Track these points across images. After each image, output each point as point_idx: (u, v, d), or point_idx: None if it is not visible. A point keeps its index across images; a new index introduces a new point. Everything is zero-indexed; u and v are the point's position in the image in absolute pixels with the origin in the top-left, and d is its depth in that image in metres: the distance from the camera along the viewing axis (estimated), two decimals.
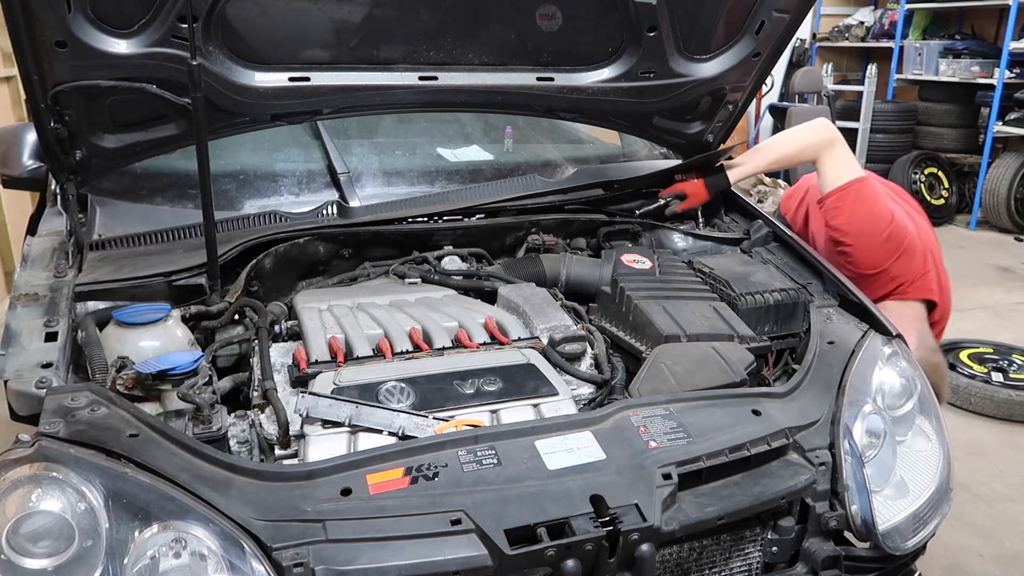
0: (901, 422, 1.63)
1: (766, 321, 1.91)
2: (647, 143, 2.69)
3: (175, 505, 1.15)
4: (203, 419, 1.39)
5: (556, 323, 1.77)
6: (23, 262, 1.79)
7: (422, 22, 1.91)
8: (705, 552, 1.43)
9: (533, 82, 2.12)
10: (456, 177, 2.40)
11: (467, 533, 1.18)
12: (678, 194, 2.33)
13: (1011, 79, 6.44)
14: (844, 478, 1.47)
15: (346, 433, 1.39)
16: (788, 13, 2.08)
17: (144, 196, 2.12)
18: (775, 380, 1.82)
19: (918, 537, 1.55)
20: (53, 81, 1.70)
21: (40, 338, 1.49)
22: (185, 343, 1.61)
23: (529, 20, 1.98)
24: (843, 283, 1.96)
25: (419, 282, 1.97)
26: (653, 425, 1.40)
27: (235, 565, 1.12)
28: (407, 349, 1.60)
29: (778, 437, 1.44)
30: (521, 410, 1.48)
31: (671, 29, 2.07)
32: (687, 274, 2.02)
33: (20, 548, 1.09)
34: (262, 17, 1.80)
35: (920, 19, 7.44)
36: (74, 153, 1.88)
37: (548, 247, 2.16)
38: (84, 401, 1.29)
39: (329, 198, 2.17)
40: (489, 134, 2.72)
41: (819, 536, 1.47)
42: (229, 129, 2.00)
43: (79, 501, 1.12)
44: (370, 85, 1.99)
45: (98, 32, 1.66)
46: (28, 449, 1.17)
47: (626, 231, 2.29)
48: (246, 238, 1.87)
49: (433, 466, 1.27)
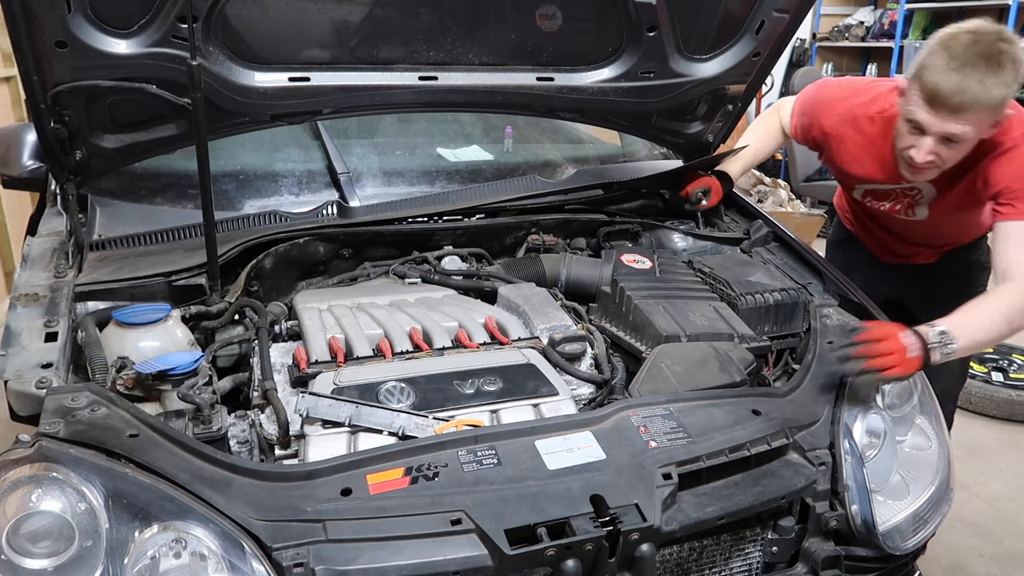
0: (901, 422, 1.63)
1: (766, 321, 1.91)
2: (647, 143, 2.69)
3: (175, 505, 1.15)
4: (203, 419, 1.39)
5: (556, 323, 1.77)
6: (23, 262, 1.79)
7: (422, 22, 1.92)
8: (705, 552, 1.43)
9: (533, 82, 2.12)
10: (456, 177, 2.40)
11: (467, 533, 1.18)
12: (706, 188, 2.29)
13: None
14: (844, 478, 1.47)
15: (346, 433, 1.39)
16: (788, 13, 2.08)
17: (144, 196, 2.12)
18: (775, 380, 1.82)
19: (918, 537, 1.55)
20: (53, 81, 1.70)
21: (40, 338, 1.49)
22: (185, 343, 1.61)
23: (529, 20, 1.98)
24: (843, 283, 1.96)
25: (419, 282, 1.97)
26: (653, 425, 1.40)
27: (235, 565, 1.12)
28: (407, 349, 1.60)
29: (778, 437, 1.44)
30: (521, 410, 1.48)
31: (671, 29, 2.07)
32: (687, 274, 2.02)
33: (20, 548, 1.09)
34: (262, 17, 1.80)
35: (920, 19, 7.43)
36: (74, 153, 1.88)
37: (548, 247, 2.16)
38: (84, 401, 1.29)
39: (329, 198, 2.17)
40: (489, 134, 2.72)
41: (819, 536, 1.47)
42: (229, 129, 2.00)
43: (79, 501, 1.12)
44: (370, 85, 1.99)
45: (98, 32, 1.66)
46: (28, 449, 1.17)
47: (626, 231, 2.28)
48: (246, 238, 1.87)
49: (433, 466, 1.27)
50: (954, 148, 1.73)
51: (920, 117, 1.71)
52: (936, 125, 1.69)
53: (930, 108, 1.69)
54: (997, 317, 1.64)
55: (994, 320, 1.64)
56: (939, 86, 1.65)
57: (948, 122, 1.67)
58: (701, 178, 2.30)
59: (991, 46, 1.65)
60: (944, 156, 1.74)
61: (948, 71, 1.64)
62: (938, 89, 1.65)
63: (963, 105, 1.64)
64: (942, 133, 1.70)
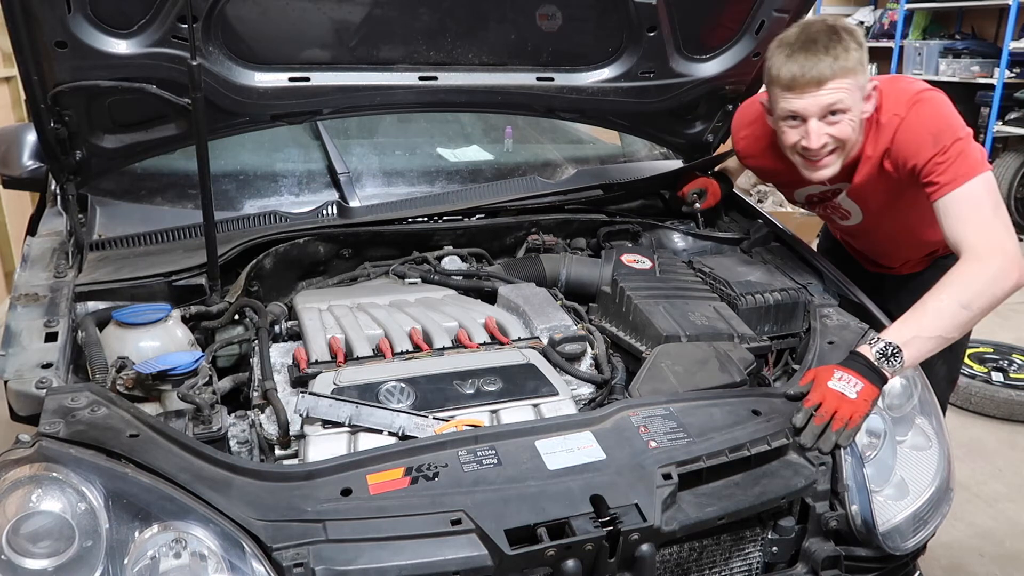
0: (901, 422, 1.63)
1: (766, 321, 1.91)
2: (647, 143, 2.69)
3: (175, 505, 1.15)
4: (203, 419, 1.39)
5: (556, 323, 1.77)
6: (23, 262, 1.79)
7: (422, 22, 1.92)
8: (705, 552, 1.43)
9: (533, 82, 2.12)
10: (456, 177, 2.40)
11: (467, 533, 1.18)
12: (701, 189, 2.29)
13: (1011, 79, 6.43)
14: (844, 478, 1.47)
15: (346, 433, 1.39)
16: (788, 13, 2.08)
17: (144, 196, 2.12)
18: (775, 380, 1.82)
19: (918, 537, 1.55)
20: (53, 81, 1.70)
21: (40, 338, 1.49)
22: (185, 343, 1.61)
23: (529, 20, 1.99)
24: (843, 283, 1.96)
25: (419, 282, 1.97)
26: (653, 425, 1.40)
27: (235, 565, 1.12)
28: (407, 349, 1.60)
29: (778, 437, 1.44)
30: (521, 410, 1.48)
31: (671, 29, 2.08)
32: (687, 274, 2.02)
33: (20, 548, 1.09)
34: (262, 17, 1.80)
35: (920, 19, 7.43)
36: (74, 153, 1.88)
37: (548, 247, 2.16)
38: (84, 401, 1.29)
39: (329, 198, 2.17)
40: (489, 134, 2.72)
41: (819, 536, 1.47)
42: (229, 129, 2.01)
43: (79, 501, 1.12)
44: (370, 85, 1.99)
45: (98, 32, 1.67)
46: (28, 449, 1.17)
47: (626, 231, 2.28)
48: (246, 238, 1.87)
49: (433, 466, 1.27)
50: (841, 121, 1.70)
51: (793, 106, 1.70)
52: (811, 104, 1.68)
53: (795, 93, 1.68)
54: (950, 305, 1.55)
55: (947, 309, 1.55)
56: (792, 70, 1.66)
57: (819, 95, 1.66)
58: (698, 179, 2.31)
59: (820, 26, 1.69)
60: (836, 134, 1.71)
61: (793, 57, 1.67)
62: (792, 73, 1.66)
63: (822, 74, 1.65)
64: (820, 107, 1.67)
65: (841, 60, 1.64)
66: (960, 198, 1.64)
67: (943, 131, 1.67)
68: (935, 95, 1.73)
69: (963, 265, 1.59)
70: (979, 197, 1.65)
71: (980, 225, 1.62)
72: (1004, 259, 1.58)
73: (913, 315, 1.57)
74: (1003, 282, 1.57)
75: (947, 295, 1.56)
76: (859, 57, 1.66)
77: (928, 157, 1.67)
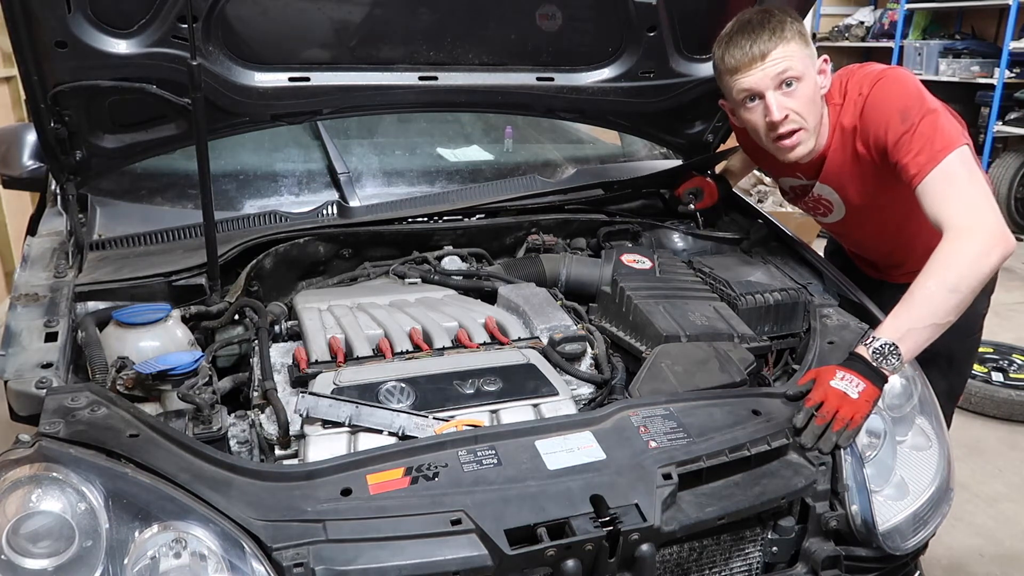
0: (901, 422, 1.63)
1: (766, 321, 1.90)
2: (647, 143, 2.69)
3: (175, 505, 1.15)
4: (203, 419, 1.39)
5: (556, 323, 1.77)
6: (23, 262, 1.79)
7: (422, 22, 1.92)
8: (705, 552, 1.43)
9: (533, 82, 2.12)
10: (456, 177, 2.40)
11: (467, 533, 1.18)
12: (696, 189, 2.29)
13: (1011, 79, 6.44)
14: (844, 478, 1.47)
15: (346, 433, 1.39)
16: None
17: (144, 196, 2.12)
18: (775, 380, 1.82)
19: (918, 537, 1.54)
20: (53, 81, 1.70)
21: (40, 338, 1.49)
22: (185, 343, 1.61)
23: (529, 20, 1.99)
24: (843, 283, 1.96)
25: (419, 282, 1.96)
26: (653, 425, 1.40)
27: (235, 565, 1.12)
28: (407, 349, 1.60)
29: (778, 437, 1.44)
30: (521, 410, 1.48)
31: (671, 29, 2.08)
32: (687, 274, 2.02)
33: (20, 548, 1.09)
34: (262, 17, 1.80)
35: (920, 19, 7.43)
36: (74, 153, 1.88)
37: (548, 247, 2.16)
38: (84, 401, 1.29)
39: (329, 198, 2.17)
40: (489, 134, 2.72)
41: (819, 536, 1.47)
42: (229, 129, 2.01)
43: (79, 501, 1.12)
44: (370, 85, 1.99)
45: (98, 32, 1.67)
46: (28, 449, 1.17)
47: (626, 231, 2.28)
48: (246, 238, 1.87)
49: (433, 466, 1.27)
50: (799, 91, 1.71)
51: (744, 84, 1.72)
52: (760, 78, 1.70)
53: (744, 73, 1.71)
54: (938, 290, 1.51)
55: (936, 295, 1.51)
56: (734, 54, 1.71)
57: (766, 67, 1.69)
58: (694, 179, 2.31)
59: (751, 11, 1.75)
60: (796, 106, 1.72)
61: (733, 41, 1.72)
62: (735, 55, 1.71)
63: (765, 48, 1.68)
64: (770, 78, 1.69)
65: (779, 31, 1.68)
66: (936, 178, 1.60)
67: (910, 108, 1.65)
68: (900, 72, 1.74)
69: (945, 245, 1.55)
70: (954, 173, 1.60)
71: (957, 201, 1.58)
72: (985, 234, 1.54)
73: (903, 307, 1.55)
74: (988, 257, 1.53)
75: (933, 281, 1.53)
76: (797, 28, 1.71)
77: (898, 135, 1.64)
